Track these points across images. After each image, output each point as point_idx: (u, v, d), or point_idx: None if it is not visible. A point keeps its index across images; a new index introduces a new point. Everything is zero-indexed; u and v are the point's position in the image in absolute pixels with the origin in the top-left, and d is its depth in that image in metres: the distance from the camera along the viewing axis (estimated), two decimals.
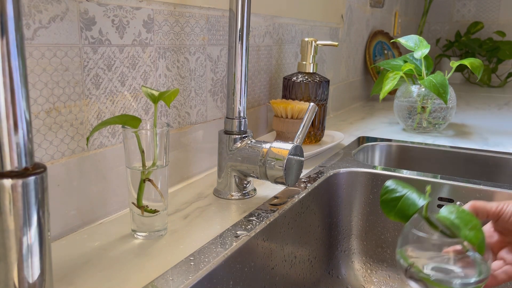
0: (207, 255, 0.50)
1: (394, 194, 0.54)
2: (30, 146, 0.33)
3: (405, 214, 0.52)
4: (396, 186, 0.55)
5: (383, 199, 0.55)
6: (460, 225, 0.48)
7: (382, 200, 0.55)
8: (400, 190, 0.54)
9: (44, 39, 0.49)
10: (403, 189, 0.54)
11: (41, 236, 0.34)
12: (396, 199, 0.54)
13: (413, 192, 0.53)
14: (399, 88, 1.22)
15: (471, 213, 0.51)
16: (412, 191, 0.53)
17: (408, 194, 0.53)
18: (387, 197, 0.54)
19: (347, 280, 0.82)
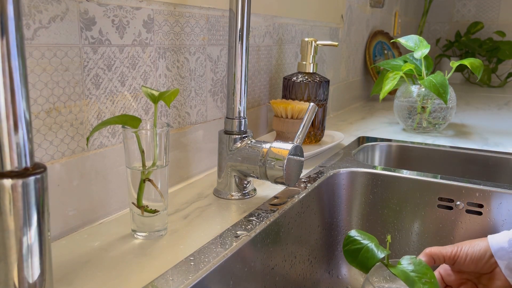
0: (207, 255, 0.50)
1: (355, 245, 0.58)
2: (30, 146, 0.33)
3: (365, 265, 0.56)
4: (358, 236, 0.59)
5: (346, 249, 0.60)
6: (415, 278, 0.53)
7: (345, 250, 0.60)
8: (361, 241, 0.58)
9: (44, 39, 0.49)
10: (364, 240, 0.58)
11: (41, 236, 0.34)
12: (357, 250, 0.57)
13: (373, 244, 0.57)
14: (399, 88, 1.22)
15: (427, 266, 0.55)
16: (372, 243, 0.57)
17: (368, 246, 0.57)
18: (349, 247, 0.59)
19: (347, 280, 0.82)
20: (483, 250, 0.58)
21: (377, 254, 0.55)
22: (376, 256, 0.55)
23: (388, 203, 0.83)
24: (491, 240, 0.58)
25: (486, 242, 0.59)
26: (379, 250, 0.56)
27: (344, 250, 0.59)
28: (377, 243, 0.57)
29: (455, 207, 0.78)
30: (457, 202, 0.78)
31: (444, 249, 0.60)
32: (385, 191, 0.83)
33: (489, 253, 0.58)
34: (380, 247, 0.56)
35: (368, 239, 0.58)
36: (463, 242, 0.61)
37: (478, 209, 0.77)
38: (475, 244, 0.59)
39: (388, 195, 0.82)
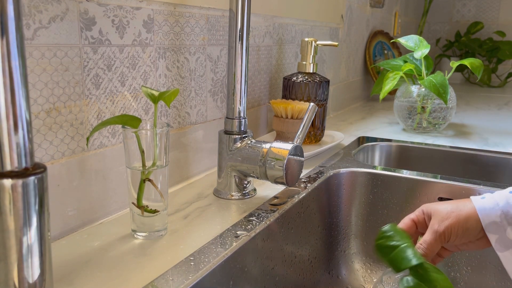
0: (207, 255, 0.50)
1: (390, 242, 0.56)
2: (30, 145, 0.33)
3: (397, 265, 0.55)
4: (393, 234, 0.57)
5: (379, 243, 0.58)
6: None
7: (378, 244, 0.58)
8: (397, 240, 0.56)
9: (44, 39, 0.49)
10: (400, 239, 0.56)
11: (41, 236, 0.34)
12: (392, 248, 0.56)
13: (409, 246, 0.55)
14: (399, 88, 1.22)
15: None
16: (408, 245, 0.55)
17: (402, 248, 0.55)
18: (383, 242, 0.57)
19: (347, 280, 0.82)
20: (474, 228, 0.56)
21: (411, 260, 0.54)
22: (410, 261, 0.54)
23: (388, 203, 0.83)
24: (482, 215, 0.55)
25: (474, 216, 0.56)
26: (415, 256, 0.54)
27: (376, 243, 0.57)
28: (412, 245, 0.56)
29: None
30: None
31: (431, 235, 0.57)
32: (385, 191, 0.83)
33: (479, 228, 0.56)
34: (416, 251, 0.55)
35: (406, 238, 0.57)
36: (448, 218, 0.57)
37: None
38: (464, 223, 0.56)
39: (388, 195, 0.82)
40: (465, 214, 0.56)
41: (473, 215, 0.56)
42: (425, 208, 0.59)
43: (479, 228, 0.55)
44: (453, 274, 0.79)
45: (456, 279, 0.78)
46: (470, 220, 0.55)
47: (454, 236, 0.55)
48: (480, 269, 0.77)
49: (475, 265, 0.77)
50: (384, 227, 0.58)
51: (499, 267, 0.75)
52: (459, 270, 0.78)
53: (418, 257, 0.53)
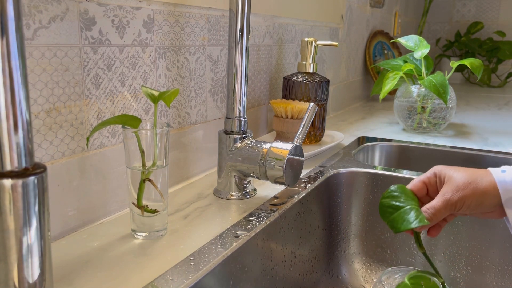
0: (207, 255, 0.50)
1: (394, 202, 0.54)
2: (30, 145, 0.33)
3: (396, 226, 0.53)
4: (400, 194, 0.54)
5: (383, 201, 0.55)
6: None
7: (382, 202, 0.55)
8: (402, 201, 0.54)
9: (44, 39, 0.49)
10: (405, 201, 0.54)
11: (41, 236, 0.34)
12: (394, 208, 0.53)
13: (414, 208, 0.53)
14: (399, 88, 1.22)
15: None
16: (412, 207, 0.53)
17: (406, 209, 0.53)
18: (387, 201, 0.54)
19: (347, 280, 0.82)
20: (489, 202, 0.52)
21: (412, 222, 0.51)
22: (410, 223, 0.51)
23: None
24: (502, 189, 0.52)
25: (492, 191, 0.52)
26: (417, 219, 0.51)
27: (381, 201, 0.55)
28: (418, 209, 0.53)
29: None
30: None
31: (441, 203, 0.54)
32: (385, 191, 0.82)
33: (494, 202, 0.52)
34: (421, 215, 0.52)
35: (411, 200, 0.54)
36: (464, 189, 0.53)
37: None
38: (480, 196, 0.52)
39: None
40: (483, 188, 0.52)
41: (491, 189, 0.52)
42: (437, 171, 0.56)
43: (494, 202, 0.52)
44: (453, 274, 0.79)
45: (456, 279, 0.78)
46: (487, 194, 0.52)
47: (466, 207, 0.53)
48: (480, 269, 0.77)
49: (475, 265, 0.77)
50: (392, 186, 0.55)
51: (499, 267, 0.76)
52: (459, 270, 0.78)
53: (420, 220, 0.51)
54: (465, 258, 0.78)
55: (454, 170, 0.55)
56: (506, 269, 0.75)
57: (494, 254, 0.76)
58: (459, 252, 0.78)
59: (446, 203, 0.53)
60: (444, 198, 0.53)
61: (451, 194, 0.53)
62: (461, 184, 0.53)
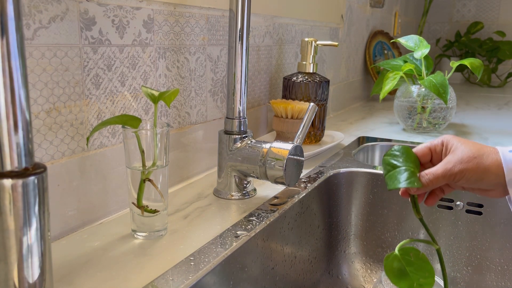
0: (207, 255, 0.50)
1: (393, 160, 0.54)
2: (30, 146, 0.33)
3: (388, 183, 0.53)
4: (401, 154, 0.55)
5: (384, 158, 0.55)
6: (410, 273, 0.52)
7: (383, 159, 0.55)
8: (400, 162, 0.54)
9: (44, 39, 0.49)
10: (404, 162, 0.54)
11: (41, 236, 0.34)
12: (392, 166, 0.54)
13: (409, 170, 0.53)
14: (399, 88, 1.22)
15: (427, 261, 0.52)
16: (407, 169, 0.53)
17: (401, 170, 0.53)
18: (387, 159, 0.55)
19: (347, 280, 0.82)
20: (489, 180, 0.52)
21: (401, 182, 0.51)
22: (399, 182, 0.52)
23: (388, 203, 0.83)
24: (508, 169, 0.51)
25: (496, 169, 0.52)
26: (407, 180, 0.52)
27: (383, 158, 0.55)
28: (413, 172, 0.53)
29: (455, 207, 0.78)
30: (457, 202, 0.78)
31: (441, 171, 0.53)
32: (385, 191, 0.83)
33: (495, 181, 0.52)
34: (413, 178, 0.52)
35: (410, 163, 0.54)
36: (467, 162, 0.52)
37: (478, 209, 0.77)
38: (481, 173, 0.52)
39: (388, 195, 0.82)
40: (487, 165, 0.52)
41: (495, 168, 0.52)
42: (445, 139, 0.56)
43: (495, 181, 0.52)
44: (453, 274, 0.79)
45: (456, 279, 0.78)
46: (489, 171, 0.52)
47: (465, 180, 0.53)
48: (480, 269, 0.77)
49: (475, 265, 0.77)
50: (396, 146, 0.56)
51: (499, 267, 0.76)
52: (459, 270, 0.78)
53: (410, 182, 0.51)
54: (465, 258, 0.78)
55: (462, 142, 0.55)
56: (506, 269, 0.75)
57: (494, 254, 0.76)
58: (459, 252, 0.78)
59: (446, 172, 0.52)
60: (445, 167, 0.53)
61: (453, 164, 0.52)
62: (466, 156, 0.52)
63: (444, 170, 0.53)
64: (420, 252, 0.53)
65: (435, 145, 0.56)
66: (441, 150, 0.56)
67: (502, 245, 0.75)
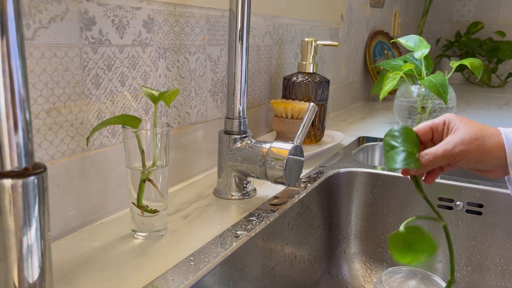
0: (207, 255, 0.50)
1: (392, 141, 0.54)
2: (30, 146, 0.33)
3: (386, 164, 0.53)
4: (400, 135, 0.54)
5: (384, 139, 0.54)
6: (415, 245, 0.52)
7: (383, 140, 0.55)
8: (399, 142, 0.53)
9: (44, 39, 0.49)
10: (403, 142, 0.53)
11: (41, 236, 0.34)
12: (390, 146, 0.53)
13: (407, 150, 0.52)
14: (399, 88, 1.22)
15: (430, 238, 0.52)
16: (406, 149, 0.52)
17: (399, 150, 0.53)
18: (387, 139, 0.54)
19: (347, 280, 0.82)
20: (490, 162, 0.51)
21: (398, 162, 0.51)
22: (396, 163, 0.51)
23: (388, 203, 0.83)
24: (510, 150, 0.51)
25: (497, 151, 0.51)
26: (404, 161, 0.51)
27: (383, 139, 0.55)
28: (412, 152, 0.52)
29: (455, 207, 0.78)
30: (457, 202, 0.78)
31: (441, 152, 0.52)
32: (385, 191, 0.83)
33: (496, 163, 0.51)
34: (411, 159, 0.51)
35: (409, 143, 0.53)
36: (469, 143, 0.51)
37: (478, 209, 0.77)
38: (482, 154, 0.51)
39: (388, 195, 0.82)
40: (488, 147, 0.51)
41: (496, 150, 0.51)
42: (447, 119, 0.55)
43: (496, 163, 0.51)
44: None
45: (456, 279, 0.78)
46: (490, 153, 0.51)
47: (465, 161, 0.52)
48: (480, 269, 0.77)
49: (475, 265, 0.77)
50: (396, 126, 0.55)
51: (499, 267, 0.76)
52: (459, 270, 0.78)
53: (407, 163, 0.51)
54: (465, 258, 0.78)
55: (464, 122, 0.54)
56: (506, 269, 0.75)
57: (494, 254, 0.76)
58: (459, 252, 0.78)
59: (446, 152, 0.52)
60: (446, 147, 0.52)
61: (454, 145, 0.52)
62: (467, 137, 0.52)
63: (444, 150, 0.52)
64: (426, 231, 0.52)
65: (436, 124, 0.55)
66: (443, 129, 0.55)
67: (502, 245, 0.75)
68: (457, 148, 0.52)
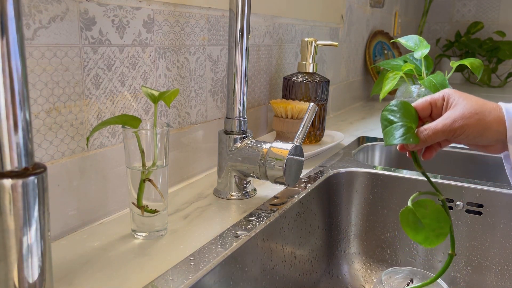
0: (207, 255, 0.50)
1: (390, 116, 0.53)
2: (30, 146, 0.33)
3: (385, 139, 0.52)
4: (398, 110, 0.53)
5: (382, 113, 0.54)
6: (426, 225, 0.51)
7: (381, 114, 0.54)
8: (397, 117, 0.53)
9: (44, 39, 0.49)
10: (401, 117, 0.52)
11: (41, 236, 0.34)
12: (389, 122, 0.52)
13: (406, 126, 0.51)
14: (399, 88, 1.22)
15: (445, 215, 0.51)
16: (404, 124, 0.51)
17: (398, 125, 0.52)
18: (385, 114, 0.53)
19: (347, 280, 0.82)
20: (489, 137, 0.51)
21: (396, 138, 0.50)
22: (394, 138, 0.50)
23: (388, 203, 0.83)
24: (510, 124, 0.50)
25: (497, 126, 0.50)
26: (402, 136, 0.50)
27: (381, 113, 0.54)
28: (411, 128, 0.51)
29: (455, 207, 0.78)
30: (457, 202, 0.78)
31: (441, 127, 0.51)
32: (385, 191, 0.83)
33: (495, 137, 0.51)
34: (409, 134, 0.50)
35: (408, 118, 0.52)
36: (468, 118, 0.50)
37: (478, 209, 0.77)
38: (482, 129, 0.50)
39: (388, 195, 0.82)
40: (488, 122, 0.50)
41: (496, 125, 0.51)
42: (447, 94, 0.54)
43: (495, 137, 0.51)
44: (453, 274, 0.79)
45: (456, 279, 0.78)
46: (490, 128, 0.50)
47: (464, 136, 0.51)
48: (480, 269, 0.77)
49: (475, 265, 0.77)
50: (394, 101, 0.54)
51: (499, 267, 0.76)
52: (459, 270, 0.78)
53: (406, 138, 0.50)
54: (465, 258, 0.78)
55: (464, 97, 0.53)
56: (506, 269, 0.75)
57: (494, 254, 0.76)
58: (459, 252, 0.78)
59: (446, 127, 0.51)
60: (445, 122, 0.51)
61: (454, 119, 0.51)
62: (467, 112, 0.51)
63: (444, 125, 0.51)
64: (435, 202, 0.51)
65: (436, 99, 0.55)
66: (442, 104, 0.54)
67: (502, 245, 0.75)
68: (457, 123, 0.51)
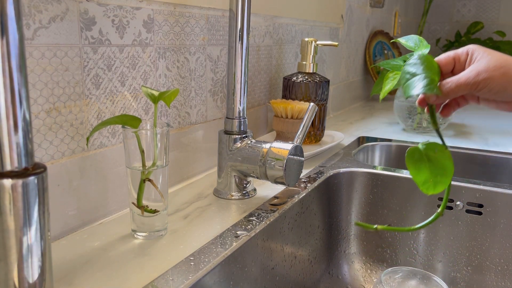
0: (207, 255, 0.50)
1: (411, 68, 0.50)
2: (30, 146, 0.33)
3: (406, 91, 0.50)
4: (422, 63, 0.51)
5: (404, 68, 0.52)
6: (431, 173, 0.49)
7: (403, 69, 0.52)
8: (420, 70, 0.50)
9: (44, 39, 0.49)
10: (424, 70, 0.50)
11: (41, 236, 0.34)
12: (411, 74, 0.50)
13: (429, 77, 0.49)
14: (399, 88, 1.22)
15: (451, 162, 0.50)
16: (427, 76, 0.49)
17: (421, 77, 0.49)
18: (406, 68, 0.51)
19: (347, 280, 0.82)
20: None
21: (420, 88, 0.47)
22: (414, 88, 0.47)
23: (388, 203, 0.83)
24: None
25: None
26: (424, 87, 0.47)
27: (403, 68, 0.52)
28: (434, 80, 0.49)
29: (455, 207, 0.78)
30: (457, 202, 0.78)
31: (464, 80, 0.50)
32: (385, 191, 0.83)
33: None
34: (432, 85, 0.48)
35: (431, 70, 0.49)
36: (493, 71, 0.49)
37: (478, 209, 0.77)
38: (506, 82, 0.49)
39: (388, 195, 0.82)
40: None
41: None
42: (471, 49, 0.53)
43: None
44: (453, 274, 0.79)
45: (456, 279, 0.78)
46: None
47: (487, 90, 0.50)
48: (480, 269, 0.77)
49: (475, 265, 0.77)
50: (416, 54, 0.52)
51: (499, 267, 0.76)
52: (459, 270, 0.78)
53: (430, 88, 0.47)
54: (465, 258, 0.78)
55: (488, 52, 0.52)
56: (506, 269, 0.75)
57: (494, 254, 0.76)
58: (459, 252, 0.78)
59: (469, 80, 0.50)
60: (469, 75, 0.50)
61: (478, 72, 0.50)
62: (492, 66, 0.50)
63: (468, 78, 0.50)
64: (446, 147, 0.50)
65: (459, 54, 0.53)
66: (465, 59, 0.53)
67: (502, 245, 0.75)
68: (481, 75, 0.50)
